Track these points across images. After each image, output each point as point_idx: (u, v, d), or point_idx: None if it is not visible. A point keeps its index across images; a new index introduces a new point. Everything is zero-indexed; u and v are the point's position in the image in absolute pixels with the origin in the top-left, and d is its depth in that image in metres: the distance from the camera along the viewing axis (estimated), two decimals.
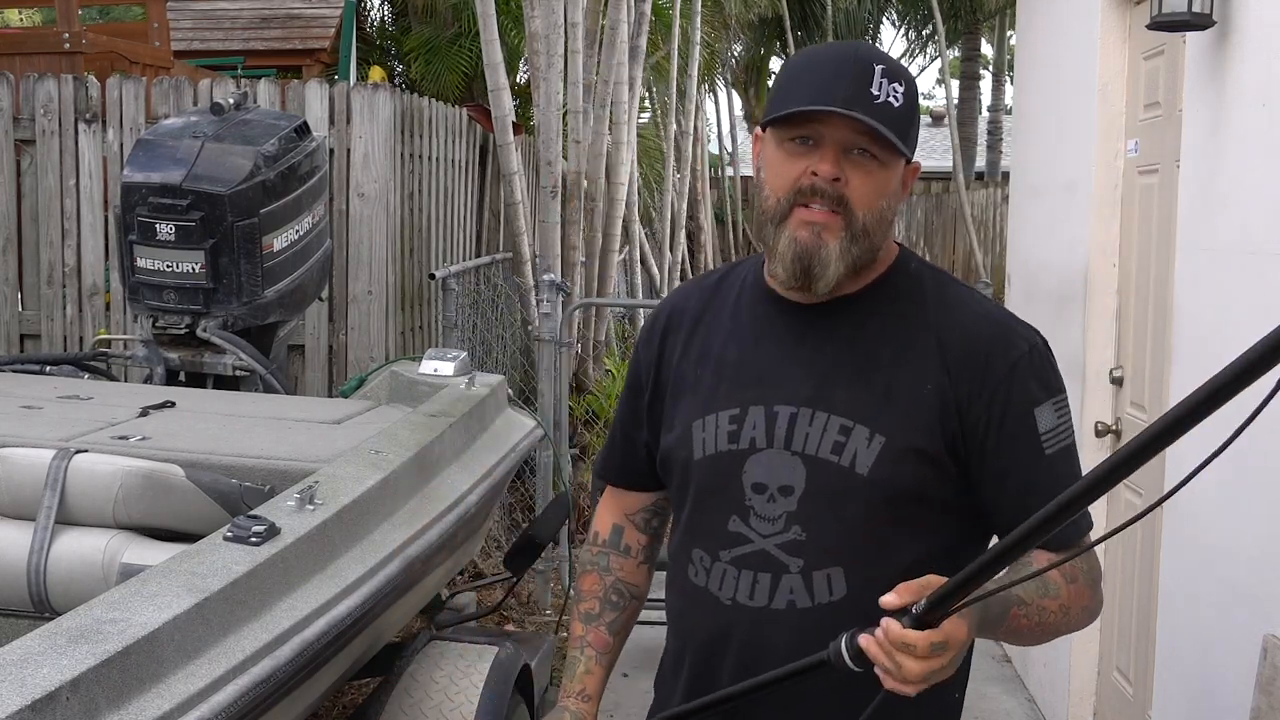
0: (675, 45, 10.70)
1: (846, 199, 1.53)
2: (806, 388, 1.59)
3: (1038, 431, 1.57)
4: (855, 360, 1.59)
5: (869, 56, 1.54)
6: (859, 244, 1.55)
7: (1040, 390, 1.59)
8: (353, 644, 2.34)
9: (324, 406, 3.78)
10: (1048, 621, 1.52)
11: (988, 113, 24.20)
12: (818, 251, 1.54)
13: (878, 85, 1.51)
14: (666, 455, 1.71)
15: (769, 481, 1.59)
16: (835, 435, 1.56)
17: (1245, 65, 2.76)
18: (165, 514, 2.56)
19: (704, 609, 1.65)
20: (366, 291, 5.90)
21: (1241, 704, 2.66)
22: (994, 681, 4.67)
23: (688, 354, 1.71)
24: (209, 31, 11.38)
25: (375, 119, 5.84)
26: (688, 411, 1.68)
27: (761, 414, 1.60)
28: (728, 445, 1.62)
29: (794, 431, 1.58)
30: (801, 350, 1.61)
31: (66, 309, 6.17)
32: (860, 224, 1.54)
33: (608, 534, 1.85)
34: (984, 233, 19.74)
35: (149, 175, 4.02)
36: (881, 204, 1.56)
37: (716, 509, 1.63)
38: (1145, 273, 3.58)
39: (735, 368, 1.65)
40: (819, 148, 1.53)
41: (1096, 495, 1.20)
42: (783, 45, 21.69)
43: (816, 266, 1.54)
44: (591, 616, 1.80)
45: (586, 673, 1.78)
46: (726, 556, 1.62)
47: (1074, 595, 1.55)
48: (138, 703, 1.68)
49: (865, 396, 1.57)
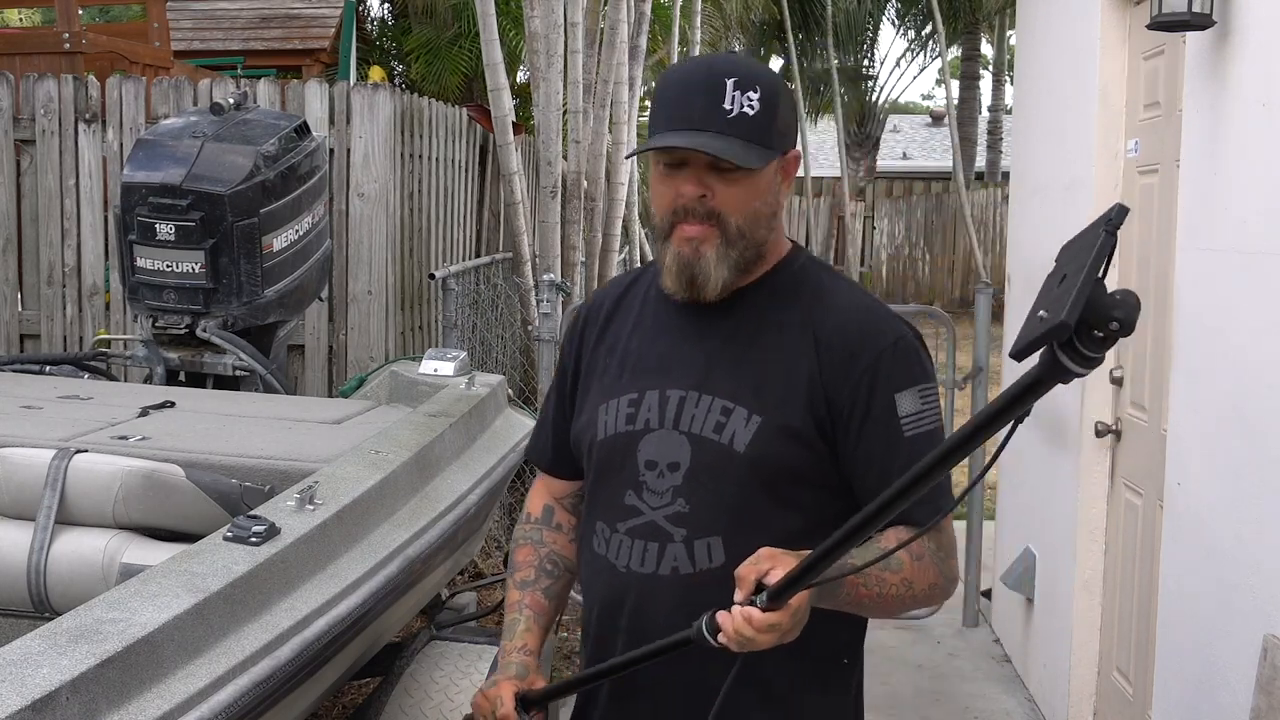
0: (675, 45, 10.69)
1: (717, 210, 1.67)
2: (695, 374, 1.74)
3: (898, 416, 1.68)
4: (738, 349, 1.74)
5: (721, 71, 1.66)
6: (736, 246, 1.69)
7: (903, 378, 1.70)
8: (353, 644, 2.34)
9: (324, 406, 3.79)
10: (889, 594, 1.63)
11: (988, 113, 24.20)
12: (697, 263, 1.68)
13: (730, 99, 1.63)
14: (577, 437, 1.87)
15: (659, 458, 1.74)
16: (718, 416, 1.71)
17: (1245, 65, 2.76)
18: (165, 514, 2.56)
19: (604, 576, 1.80)
20: (366, 291, 5.90)
21: (1241, 704, 2.66)
22: (994, 681, 4.67)
23: (600, 346, 1.87)
24: (209, 31, 11.38)
25: (375, 119, 5.84)
26: (596, 397, 1.84)
27: (656, 398, 1.75)
28: (625, 426, 1.77)
29: (682, 413, 1.73)
30: (693, 341, 1.76)
31: (66, 309, 6.17)
32: (735, 228, 1.68)
33: (539, 513, 1.98)
34: (984, 233, 19.74)
35: (149, 175, 4.02)
36: (754, 205, 1.69)
37: (615, 484, 1.78)
38: (1145, 273, 3.58)
39: (637, 357, 1.81)
40: (684, 169, 1.67)
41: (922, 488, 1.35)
42: (783, 45, 21.69)
43: (699, 276, 1.69)
44: (528, 583, 1.92)
45: (526, 630, 1.88)
46: (623, 528, 1.77)
47: (918, 571, 1.66)
48: (138, 703, 1.68)
49: (745, 381, 1.71)
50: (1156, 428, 3.41)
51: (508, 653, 1.87)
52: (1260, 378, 2.66)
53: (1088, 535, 3.93)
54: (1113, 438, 3.82)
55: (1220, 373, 2.87)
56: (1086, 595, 3.95)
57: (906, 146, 29.93)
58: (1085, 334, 1.12)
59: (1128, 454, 3.74)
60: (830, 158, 25.31)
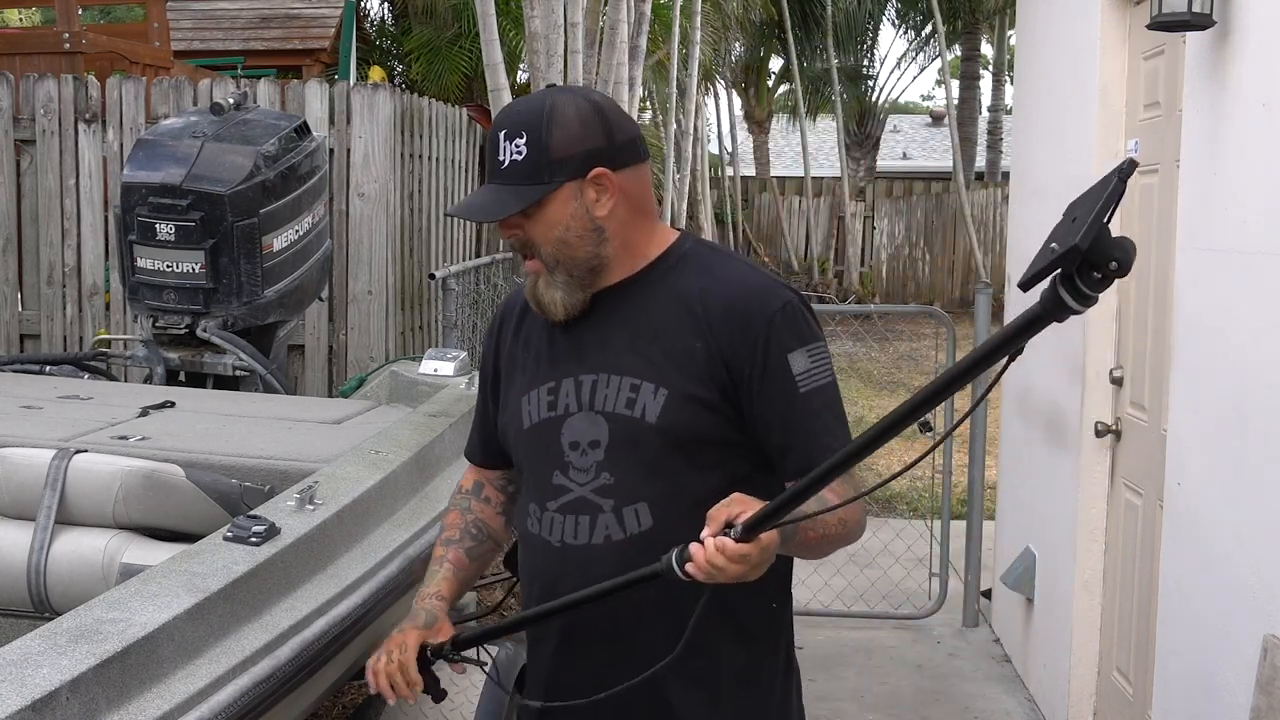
0: (675, 45, 10.69)
1: (532, 242, 1.86)
2: (602, 358, 1.89)
3: (792, 374, 1.83)
4: (637, 330, 1.89)
5: (499, 126, 1.86)
6: (560, 271, 1.87)
7: (793, 339, 1.84)
8: (353, 644, 2.34)
9: (324, 406, 3.79)
10: (829, 534, 1.78)
11: (988, 113, 24.18)
12: (538, 291, 1.88)
13: (503, 151, 1.83)
14: (504, 429, 2.02)
15: (581, 438, 1.88)
16: (627, 393, 1.86)
17: (1245, 65, 2.76)
18: (165, 514, 2.56)
19: (540, 553, 1.93)
20: (366, 291, 5.90)
21: (1241, 704, 2.66)
22: (994, 681, 4.67)
23: (516, 343, 2.02)
24: (209, 31, 11.38)
25: (375, 119, 5.84)
26: (518, 390, 1.98)
27: (572, 384, 1.90)
28: (548, 413, 1.92)
29: (595, 394, 1.88)
30: (596, 329, 1.91)
31: (66, 309, 6.17)
32: (548, 256, 1.86)
33: (470, 486, 2.14)
34: (984, 233, 19.73)
35: (149, 175, 4.02)
36: (555, 234, 1.85)
37: (543, 467, 1.92)
38: (1145, 273, 3.58)
39: (549, 349, 1.95)
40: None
41: (876, 447, 1.46)
42: (783, 45, 21.69)
43: (545, 302, 1.88)
44: (452, 541, 2.06)
45: (444, 579, 2.01)
46: (553, 506, 1.90)
47: (849, 510, 1.79)
48: (138, 703, 1.68)
49: (648, 359, 1.86)
50: (1156, 428, 3.41)
51: (421, 599, 1.98)
52: (1260, 378, 2.66)
53: (1088, 535, 3.93)
54: (1113, 438, 3.82)
55: (1220, 373, 2.87)
56: (1086, 595, 3.95)
57: (906, 146, 29.93)
58: (1086, 272, 1.21)
59: (1128, 454, 3.74)
60: (830, 158, 25.31)
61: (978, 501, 5.32)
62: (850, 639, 4.98)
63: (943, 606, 5.28)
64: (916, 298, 19.66)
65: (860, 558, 5.57)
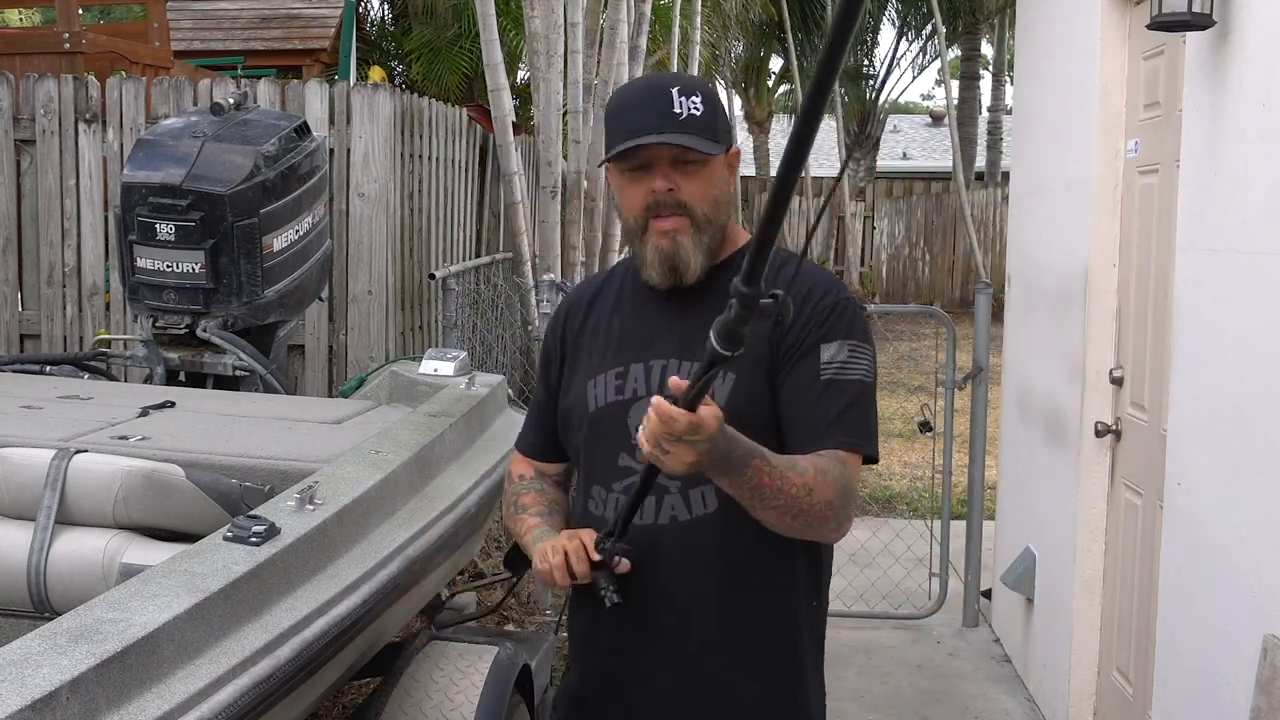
0: (675, 45, 10.70)
1: (684, 201, 1.89)
2: (674, 345, 1.95)
3: (820, 359, 1.89)
4: (710, 319, 1.89)
5: (666, 83, 1.91)
6: (706, 231, 1.91)
7: (836, 330, 1.90)
8: (353, 644, 2.34)
9: (324, 406, 3.78)
10: (789, 491, 1.76)
11: (988, 113, 24.18)
12: (677, 251, 1.90)
13: (678, 104, 1.87)
14: (566, 413, 2.06)
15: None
16: None
17: (1245, 65, 2.76)
18: (165, 514, 2.56)
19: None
20: (366, 291, 5.90)
21: (1241, 704, 2.66)
22: (994, 681, 4.67)
23: (583, 331, 2.08)
24: (209, 31, 11.38)
25: (375, 119, 5.84)
26: (582, 375, 2.03)
27: (641, 369, 1.96)
28: (615, 397, 1.97)
29: (666, 379, 1.86)
30: (671, 318, 1.97)
31: (66, 309, 6.17)
32: (701, 215, 1.91)
33: (532, 474, 2.17)
34: (984, 233, 19.72)
35: (149, 175, 4.02)
36: (714, 194, 1.92)
37: (608, 450, 1.97)
38: (1145, 273, 3.58)
39: (618, 337, 2.02)
40: (651, 170, 1.90)
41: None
42: (783, 46, 21.69)
43: (680, 263, 1.91)
44: (543, 514, 2.08)
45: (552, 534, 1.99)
46: (619, 487, 1.96)
47: (820, 484, 1.79)
48: (138, 703, 1.68)
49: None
50: (1156, 428, 3.41)
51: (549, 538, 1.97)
52: (1260, 377, 2.66)
53: (1088, 535, 3.93)
54: (1113, 438, 3.82)
55: (1220, 372, 2.87)
56: (1086, 595, 3.95)
57: (906, 146, 29.93)
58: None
59: (1128, 454, 3.74)
60: (830, 158, 25.32)
61: (978, 501, 5.33)
62: (850, 639, 4.98)
63: (943, 606, 5.28)
64: (916, 298, 19.66)
65: (860, 558, 5.58)
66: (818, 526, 1.84)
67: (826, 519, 1.83)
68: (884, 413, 10.32)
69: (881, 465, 8.35)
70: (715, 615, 1.92)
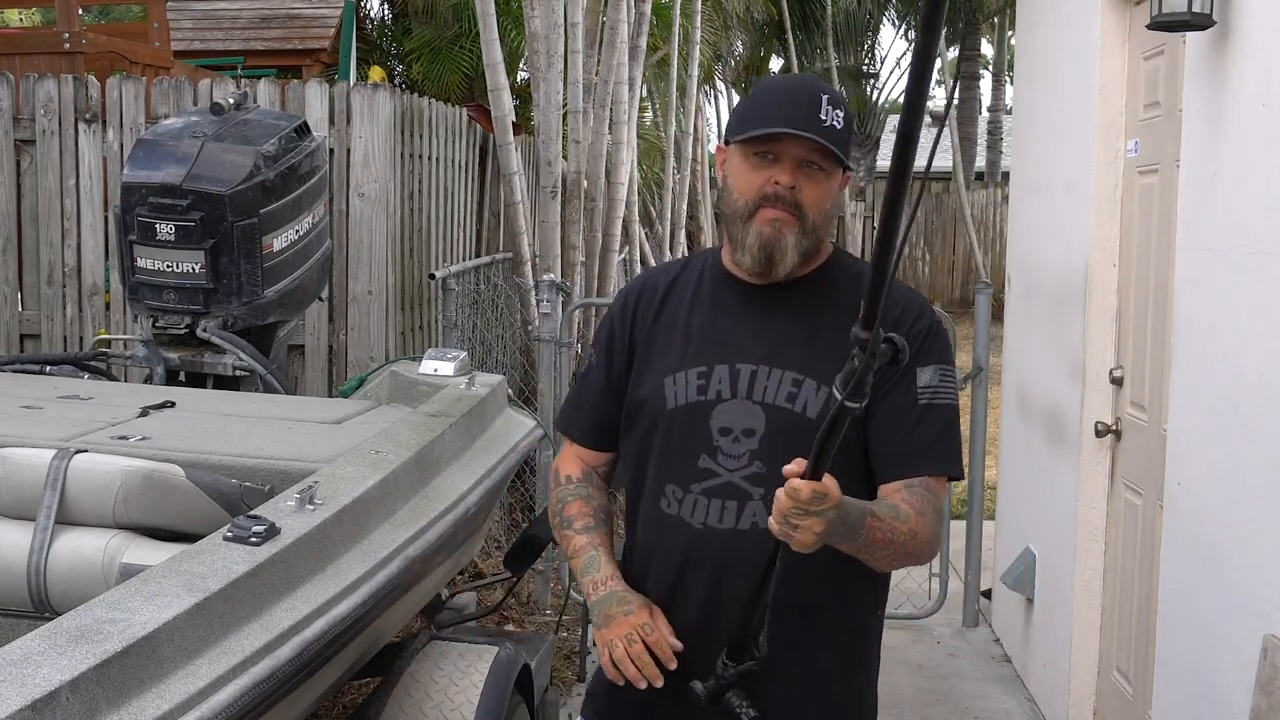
0: (675, 44, 10.70)
1: (801, 203, 1.90)
2: (764, 349, 1.94)
3: (917, 384, 1.91)
4: (803, 328, 1.95)
5: (818, 88, 1.92)
6: (809, 238, 1.92)
7: (930, 355, 1.93)
8: (353, 644, 2.34)
9: (324, 406, 3.78)
10: (897, 541, 1.82)
11: (988, 113, 24.18)
12: (779, 242, 1.90)
13: (825, 112, 1.88)
14: (638, 406, 2.02)
15: (733, 425, 1.93)
16: (789, 387, 1.92)
17: (1245, 65, 2.76)
18: (165, 514, 2.56)
19: (676, 534, 1.96)
20: (366, 291, 5.90)
21: (1241, 704, 2.66)
22: (994, 681, 4.67)
23: (658, 322, 2.04)
24: (209, 31, 11.38)
25: (375, 119, 5.84)
26: (659, 369, 2.00)
27: (726, 370, 1.94)
28: (697, 396, 1.95)
29: (754, 385, 1.93)
30: (757, 320, 1.97)
31: (66, 309, 6.17)
32: (811, 222, 1.91)
33: (579, 475, 2.13)
34: (984, 233, 19.73)
35: (149, 175, 4.01)
36: (827, 206, 1.93)
37: (688, 450, 1.95)
38: (1145, 273, 3.58)
39: (700, 333, 1.99)
40: (778, 162, 1.90)
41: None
42: (783, 45, 21.67)
43: (778, 254, 1.91)
44: (590, 528, 2.05)
45: (608, 563, 2.00)
46: (697, 488, 1.95)
47: (921, 525, 1.85)
48: (138, 703, 1.68)
49: (812, 356, 1.92)
50: (1156, 428, 3.41)
51: (600, 581, 1.97)
52: (1260, 378, 2.66)
53: (1088, 535, 3.93)
54: (1113, 438, 3.82)
55: (1220, 373, 2.87)
56: (1086, 595, 3.95)
57: None
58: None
59: (1128, 454, 3.74)
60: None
61: (978, 501, 5.33)
62: None
63: (943, 606, 5.28)
64: None
65: None
66: (917, 559, 1.92)
67: (926, 553, 1.91)
68: None
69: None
70: (796, 622, 1.93)
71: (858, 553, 1.81)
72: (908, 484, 1.89)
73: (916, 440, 1.89)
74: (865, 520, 1.75)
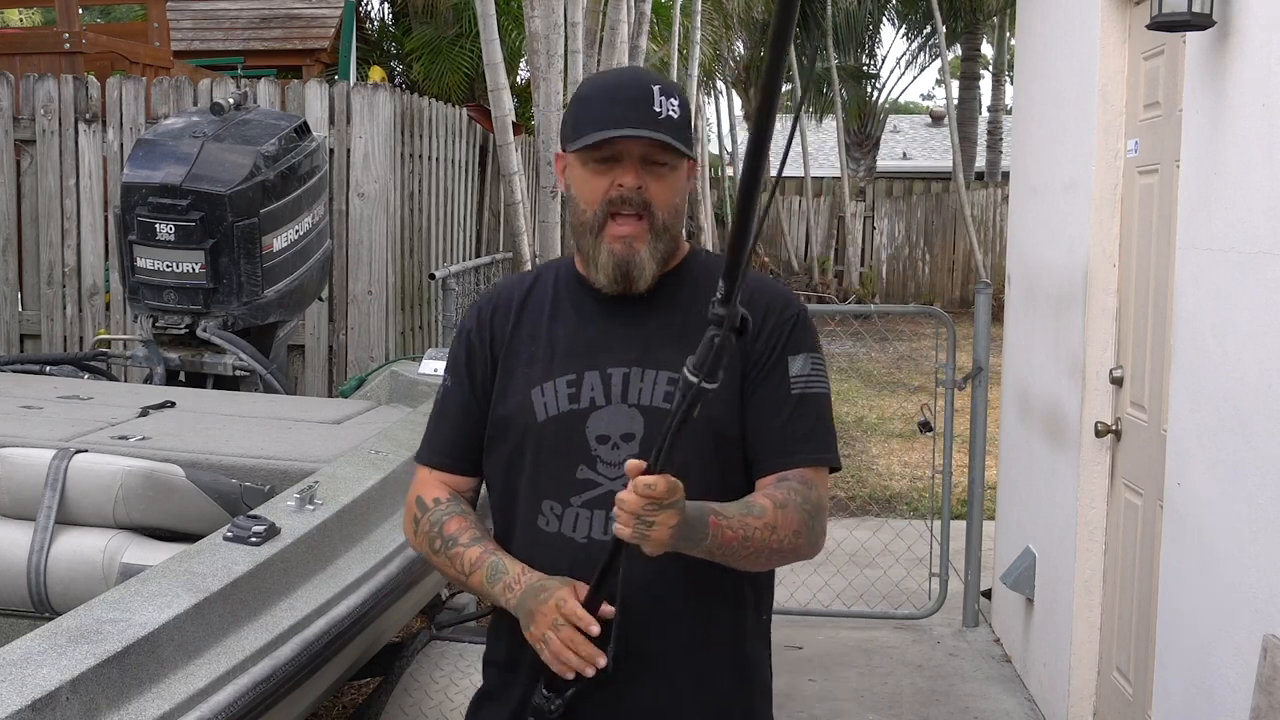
0: (675, 44, 10.69)
1: (649, 203, 1.83)
2: (634, 352, 1.87)
3: (789, 374, 1.87)
4: (672, 327, 1.87)
5: (649, 80, 1.85)
6: (663, 239, 1.85)
7: (801, 343, 1.89)
8: (353, 644, 2.34)
9: (324, 406, 3.79)
10: (753, 538, 1.74)
11: (988, 113, 24.19)
12: (633, 259, 1.83)
13: (659, 104, 1.80)
14: (503, 422, 1.91)
15: (611, 432, 1.84)
16: (665, 387, 1.84)
17: (1245, 65, 2.76)
18: (165, 514, 2.56)
19: (559, 552, 1.84)
20: (366, 291, 5.90)
21: (1241, 704, 2.66)
22: (994, 681, 4.67)
23: (517, 335, 1.95)
24: (209, 31, 11.39)
25: (375, 119, 5.84)
26: (524, 382, 1.90)
27: (597, 377, 1.86)
28: (569, 405, 1.86)
29: (629, 388, 1.85)
30: (624, 324, 1.89)
31: (66, 309, 6.17)
32: (661, 221, 1.84)
33: (447, 496, 1.95)
34: (984, 233, 19.73)
35: (149, 175, 4.02)
36: (676, 201, 1.87)
37: (564, 462, 1.85)
38: (1145, 273, 3.58)
39: (566, 342, 1.91)
40: (620, 163, 1.82)
41: None
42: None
43: (634, 270, 1.84)
44: (479, 539, 1.89)
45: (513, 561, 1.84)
46: (578, 501, 1.85)
47: (781, 518, 1.77)
48: (138, 703, 1.68)
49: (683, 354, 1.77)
50: (1156, 428, 3.41)
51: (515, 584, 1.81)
52: (1260, 377, 2.66)
53: (1088, 535, 3.93)
54: (1113, 438, 3.82)
55: (1220, 373, 2.87)
56: (1086, 595, 3.95)
57: (906, 146, 29.92)
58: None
59: (1128, 454, 3.74)
60: (830, 158, 25.30)
61: (978, 501, 5.33)
62: (850, 639, 4.98)
63: (943, 606, 5.28)
64: (916, 298, 19.66)
65: (860, 558, 5.58)
66: (791, 556, 1.82)
67: (799, 547, 1.81)
68: (884, 413, 10.36)
69: (881, 465, 8.35)
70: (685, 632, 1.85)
71: (712, 555, 1.73)
72: (780, 478, 1.83)
73: (791, 432, 1.84)
74: (708, 519, 1.69)
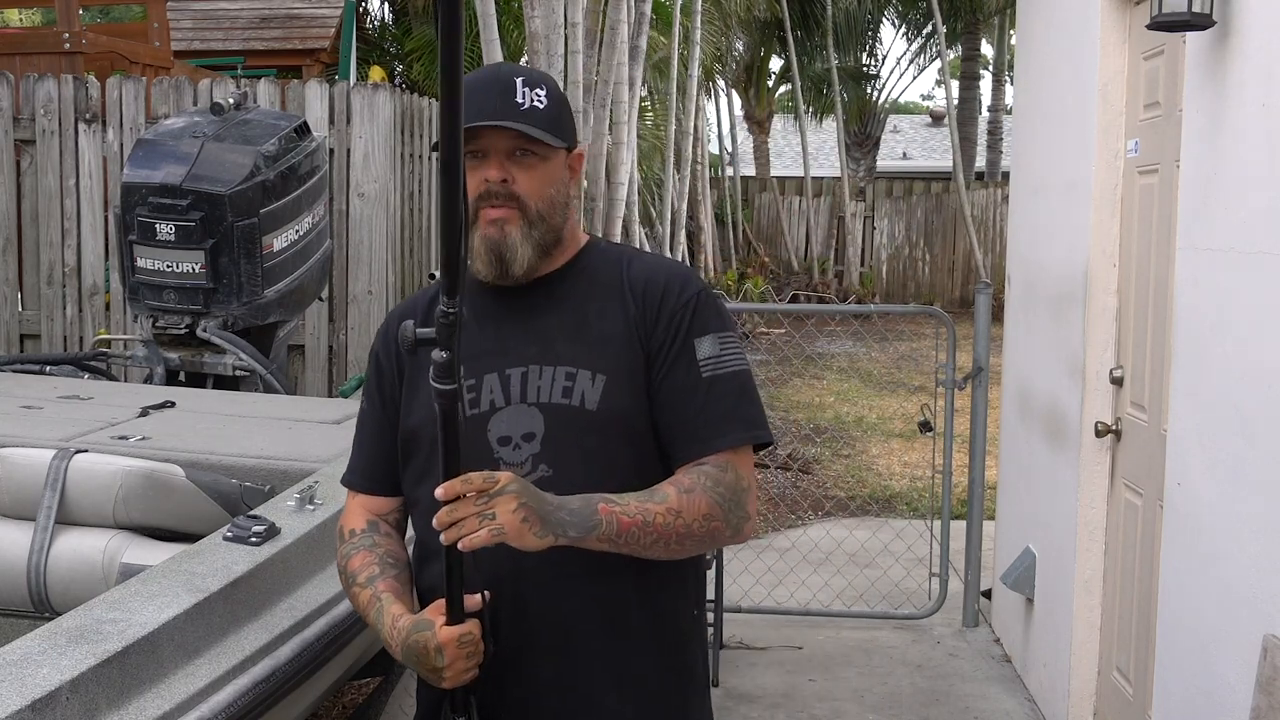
0: (675, 45, 10.70)
1: (518, 195, 1.81)
2: (532, 349, 1.84)
3: (697, 358, 1.83)
4: (568, 321, 1.86)
5: (509, 73, 1.84)
6: (538, 228, 1.83)
7: (705, 325, 1.85)
8: (353, 644, 2.34)
9: (324, 406, 3.79)
10: (655, 524, 1.71)
11: (988, 113, 24.18)
12: (505, 240, 1.81)
13: (521, 95, 1.80)
14: (411, 435, 1.89)
15: (512, 433, 1.81)
16: (563, 382, 1.82)
17: (1245, 65, 2.76)
18: (165, 514, 2.56)
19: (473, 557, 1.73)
20: (366, 291, 5.90)
21: (1241, 704, 2.66)
22: (994, 681, 4.67)
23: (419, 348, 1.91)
24: (209, 31, 11.39)
25: (375, 119, 5.84)
26: (426, 393, 1.81)
27: (496, 379, 1.84)
28: (470, 410, 1.83)
29: (527, 386, 1.83)
30: (522, 322, 1.87)
31: (66, 309, 6.17)
32: (535, 211, 1.82)
33: (363, 527, 1.93)
34: (984, 233, 19.73)
35: (149, 175, 4.02)
36: (550, 191, 1.85)
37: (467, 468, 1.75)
38: (1145, 273, 3.58)
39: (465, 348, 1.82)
40: (487, 158, 1.80)
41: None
42: (783, 45, 21.69)
43: (507, 253, 1.82)
44: (374, 577, 1.85)
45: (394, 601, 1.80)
46: None
47: (686, 503, 1.74)
48: (138, 703, 1.68)
49: (582, 347, 1.83)
50: (1156, 428, 3.41)
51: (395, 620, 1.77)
52: (1260, 377, 2.66)
53: (1088, 535, 3.93)
54: (1113, 438, 3.82)
55: (1220, 373, 2.87)
56: (1086, 595, 3.95)
57: (906, 146, 29.93)
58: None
59: (1128, 454, 3.74)
60: (830, 158, 25.31)
61: (978, 501, 5.33)
62: (850, 639, 4.98)
63: (943, 606, 5.28)
64: (916, 298, 19.67)
65: (860, 558, 5.58)
66: (708, 540, 1.78)
67: (714, 531, 1.77)
68: (884, 413, 10.35)
69: (881, 465, 8.35)
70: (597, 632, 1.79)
71: (615, 545, 1.69)
72: (697, 464, 1.79)
73: (706, 418, 1.79)
74: (596, 506, 1.67)
